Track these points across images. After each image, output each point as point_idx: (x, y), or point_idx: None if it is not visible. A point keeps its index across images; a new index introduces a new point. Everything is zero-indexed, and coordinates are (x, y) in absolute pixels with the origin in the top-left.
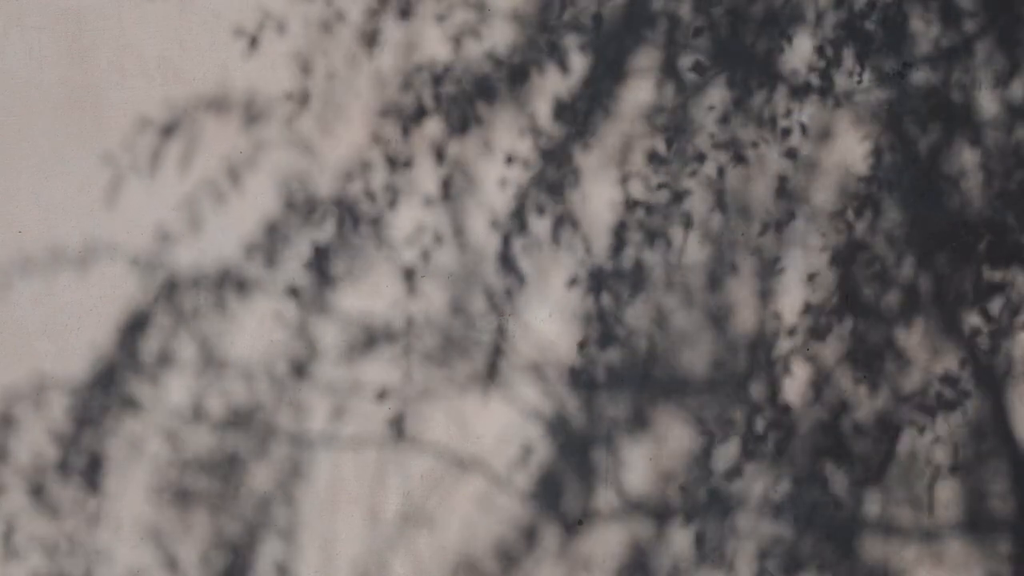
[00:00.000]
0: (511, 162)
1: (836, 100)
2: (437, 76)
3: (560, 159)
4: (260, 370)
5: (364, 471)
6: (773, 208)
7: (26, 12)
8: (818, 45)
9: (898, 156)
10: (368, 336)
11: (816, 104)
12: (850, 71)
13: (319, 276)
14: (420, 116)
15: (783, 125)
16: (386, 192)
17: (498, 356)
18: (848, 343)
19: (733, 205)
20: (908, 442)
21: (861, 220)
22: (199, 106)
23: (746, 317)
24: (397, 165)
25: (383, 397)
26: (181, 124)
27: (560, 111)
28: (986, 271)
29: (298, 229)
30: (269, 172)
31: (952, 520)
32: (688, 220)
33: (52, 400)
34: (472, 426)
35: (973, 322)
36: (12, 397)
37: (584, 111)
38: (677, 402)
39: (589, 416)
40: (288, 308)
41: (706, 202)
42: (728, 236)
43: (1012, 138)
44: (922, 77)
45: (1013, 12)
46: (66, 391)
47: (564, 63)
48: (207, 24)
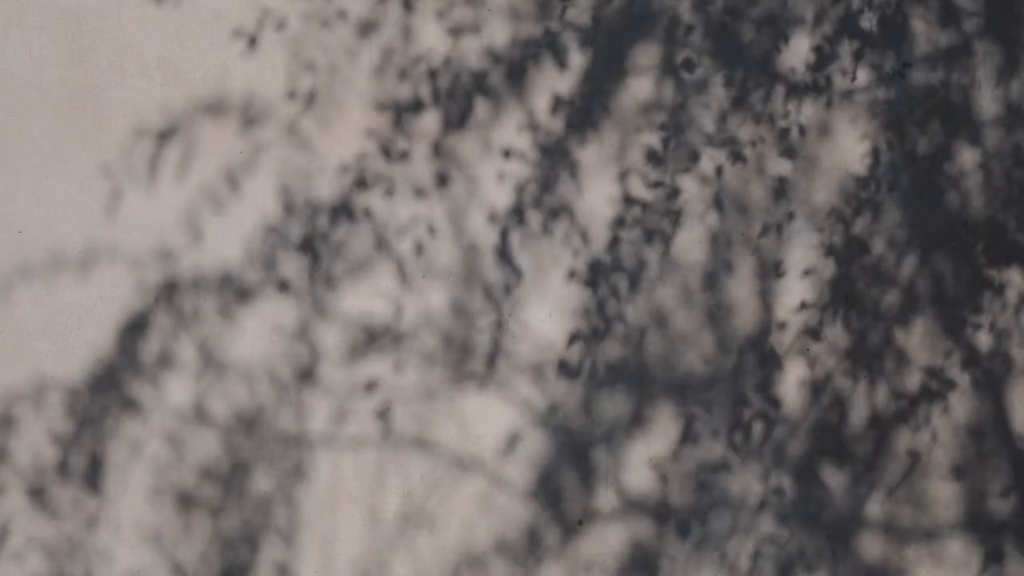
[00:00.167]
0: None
1: (829, 100)
2: (435, 71)
3: (558, 155)
4: (260, 371)
5: (364, 471)
6: (772, 207)
7: (26, 12)
8: (816, 45)
9: (897, 156)
10: (368, 336)
11: (815, 103)
12: (844, 70)
13: (319, 276)
14: (418, 109)
15: (782, 124)
16: (386, 192)
17: (497, 355)
18: (847, 342)
19: (731, 204)
20: (907, 441)
21: (860, 219)
22: (198, 107)
23: (745, 316)
24: (395, 163)
25: (383, 397)
26: (181, 125)
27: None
28: (985, 271)
29: (297, 229)
30: (268, 172)
31: (952, 520)
32: (683, 218)
33: (52, 400)
34: (472, 426)
35: (973, 322)
36: (12, 397)
37: (583, 107)
38: (676, 401)
39: (588, 415)
40: (288, 308)
41: (704, 200)
42: (726, 234)
43: (1012, 138)
44: (922, 77)
45: (1013, 12)
46: (66, 391)
47: (563, 60)
48: (207, 24)
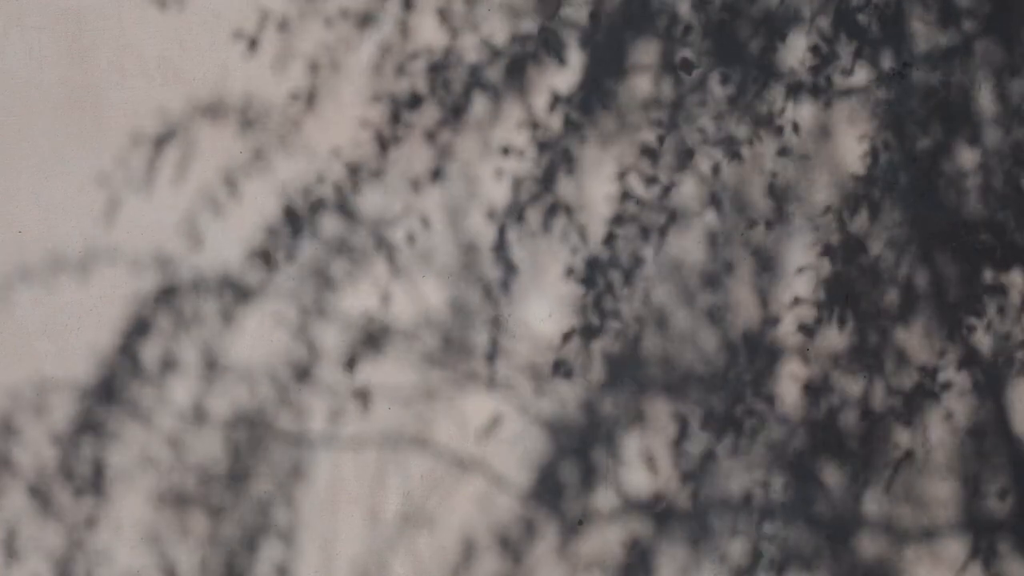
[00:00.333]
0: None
1: (828, 99)
2: (435, 65)
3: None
4: (260, 371)
5: (364, 471)
6: (770, 206)
7: (26, 12)
8: (814, 44)
9: (897, 156)
10: (368, 336)
11: (814, 103)
12: (844, 69)
13: (319, 276)
14: (416, 105)
15: (779, 123)
16: (386, 191)
17: (497, 355)
18: (846, 341)
19: (730, 202)
20: (906, 440)
21: (858, 219)
22: (197, 108)
23: (744, 314)
24: (394, 161)
25: (383, 397)
26: (181, 125)
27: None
28: (985, 271)
29: (297, 229)
30: (269, 171)
31: (952, 520)
32: (681, 216)
33: (52, 401)
34: (472, 426)
35: (973, 322)
36: (12, 398)
37: (581, 105)
38: (675, 399)
39: (588, 414)
40: (287, 309)
41: (702, 199)
42: (725, 233)
43: (1012, 138)
44: (922, 77)
45: (1013, 12)
46: (66, 392)
47: (562, 56)
48: (207, 24)
